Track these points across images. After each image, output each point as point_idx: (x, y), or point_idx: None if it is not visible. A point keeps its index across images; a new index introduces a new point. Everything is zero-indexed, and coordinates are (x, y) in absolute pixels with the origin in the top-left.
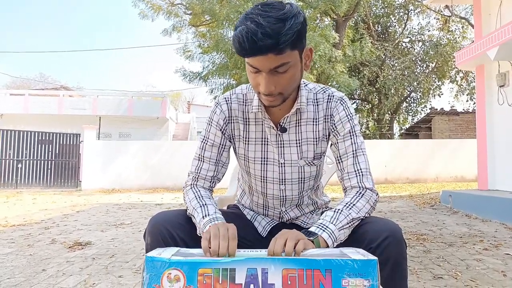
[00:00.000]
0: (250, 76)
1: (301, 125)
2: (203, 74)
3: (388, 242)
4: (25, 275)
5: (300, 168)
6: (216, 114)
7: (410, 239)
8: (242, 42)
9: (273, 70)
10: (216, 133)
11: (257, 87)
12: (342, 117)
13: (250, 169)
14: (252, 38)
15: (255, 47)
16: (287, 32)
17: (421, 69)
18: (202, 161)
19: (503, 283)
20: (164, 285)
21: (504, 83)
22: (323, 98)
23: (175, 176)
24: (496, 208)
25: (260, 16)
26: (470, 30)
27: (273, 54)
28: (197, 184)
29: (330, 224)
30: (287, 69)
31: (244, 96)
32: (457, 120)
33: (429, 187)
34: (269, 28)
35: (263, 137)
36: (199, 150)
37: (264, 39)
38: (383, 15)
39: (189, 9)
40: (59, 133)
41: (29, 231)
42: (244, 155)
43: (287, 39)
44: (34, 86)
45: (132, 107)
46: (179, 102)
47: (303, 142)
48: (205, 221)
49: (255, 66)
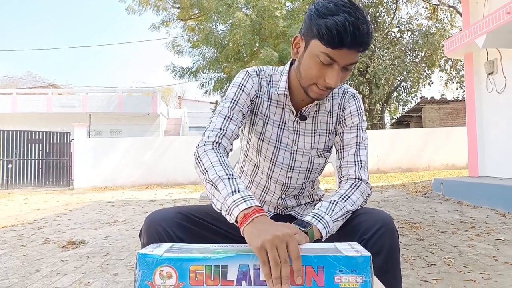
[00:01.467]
0: (315, 67)
1: (318, 116)
2: (194, 69)
3: (381, 232)
4: (19, 276)
5: (310, 158)
6: (249, 82)
7: (403, 227)
8: (343, 32)
9: (346, 66)
10: (246, 100)
11: (317, 78)
12: (352, 111)
13: (262, 149)
14: (354, 32)
15: (354, 39)
16: (372, 35)
17: (411, 59)
18: (230, 121)
19: (495, 267)
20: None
21: (493, 70)
22: (338, 93)
23: (168, 172)
24: (487, 195)
25: (356, 12)
26: (458, 18)
27: (357, 51)
28: (220, 144)
29: (325, 215)
30: (352, 68)
31: (270, 76)
32: (447, 109)
33: (421, 176)
34: (366, 26)
35: (282, 121)
36: (226, 109)
37: (363, 35)
38: (371, 5)
39: (177, 2)
40: (49, 132)
41: (22, 232)
42: (261, 133)
43: (370, 42)
44: (21, 84)
45: (122, 103)
46: (170, 97)
47: (317, 133)
48: (236, 199)
49: (335, 58)
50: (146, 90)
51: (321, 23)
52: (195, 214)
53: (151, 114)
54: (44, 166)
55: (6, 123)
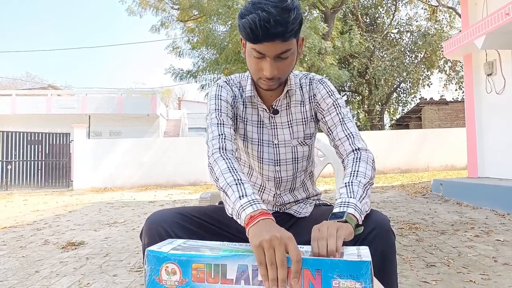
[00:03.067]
0: (253, 62)
1: (291, 107)
2: (193, 71)
3: (374, 234)
4: (18, 277)
5: (293, 148)
6: (223, 91)
7: (403, 228)
8: (254, 29)
9: (277, 56)
10: (227, 106)
11: (258, 72)
12: (323, 94)
13: (249, 149)
14: (265, 25)
15: (267, 33)
16: (293, 21)
17: (410, 60)
18: (223, 126)
19: (494, 268)
20: (163, 277)
21: (492, 71)
22: (305, 82)
23: (167, 173)
24: (486, 195)
25: (269, 6)
26: (458, 19)
27: (280, 41)
28: (226, 149)
29: (350, 199)
30: (288, 56)
31: (239, 83)
32: (446, 109)
33: (420, 177)
34: (279, 16)
35: (259, 119)
36: (215, 118)
37: (275, 26)
38: (371, 7)
39: (177, 4)
40: (48, 133)
41: (21, 233)
42: (244, 135)
43: (293, 28)
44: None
45: (121, 104)
46: (170, 98)
47: (293, 123)
48: (244, 203)
49: (262, 51)
50: (146, 91)
51: (240, 23)
52: (195, 214)
53: (151, 115)
54: (43, 167)
55: (5, 124)
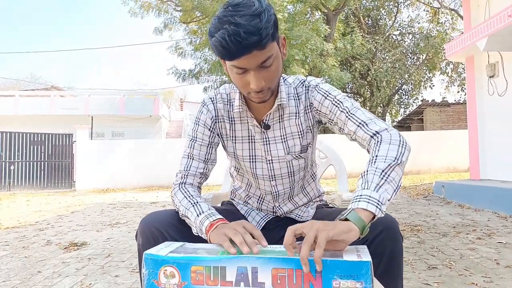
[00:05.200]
0: (236, 78)
1: (283, 121)
2: (195, 71)
3: (383, 236)
4: (21, 277)
5: (288, 163)
6: (203, 113)
7: (405, 230)
8: (226, 45)
9: (260, 66)
10: (204, 131)
11: (245, 87)
12: (319, 99)
13: (242, 166)
14: (236, 39)
15: (240, 47)
16: (265, 25)
17: (412, 61)
18: (192, 159)
19: (496, 271)
20: (161, 281)
21: (494, 73)
22: (302, 91)
23: (169, 174)
24: (488, 198)
25: (236, 16)
26: (460, 21)
27: (257, 50)
28: (185, 183)
29: (363, 191)
30: (272, 62)
31: (228, 96)
32: (448, 111)
33: (422, 178)
34: (249, 25)
35: (250, 135)
36: (187, 148)
37: (247, 37)
38: (373, 8)
39: (179, 5)
40: (51, 134)
41: (24, 233)
42: (234, 153)
43: (268, 33)
44: (24, 87)
45: (124, 105)
46: (172, 100)
47: (288, 137)
48: (201, 218)
49: (242, 66)
50: (148, 93)
51: (211, 43)
52: None
53: (153, 116)
54: (46, 168)
55: (8, 125)
